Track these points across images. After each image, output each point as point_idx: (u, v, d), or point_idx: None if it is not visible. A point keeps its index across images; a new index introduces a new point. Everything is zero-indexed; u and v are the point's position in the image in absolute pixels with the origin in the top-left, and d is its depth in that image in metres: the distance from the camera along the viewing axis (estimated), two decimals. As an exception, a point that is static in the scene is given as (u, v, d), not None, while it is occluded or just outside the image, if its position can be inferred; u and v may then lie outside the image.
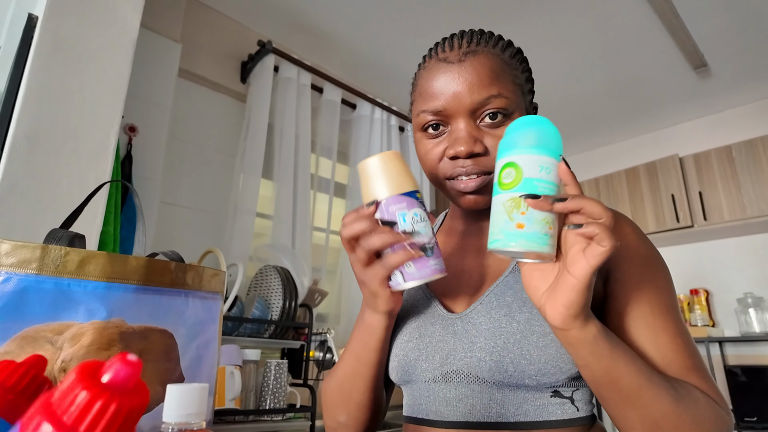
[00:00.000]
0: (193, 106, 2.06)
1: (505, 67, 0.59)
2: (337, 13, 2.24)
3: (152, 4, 1.85)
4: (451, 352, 0.58)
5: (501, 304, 0.57)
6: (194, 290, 0.61)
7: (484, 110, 0.58)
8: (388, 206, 0.52)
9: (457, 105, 0.57)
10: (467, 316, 0.59)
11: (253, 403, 1.54)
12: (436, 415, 0.58)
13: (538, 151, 0.46)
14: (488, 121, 0.58)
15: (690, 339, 0.55)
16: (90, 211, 1.06)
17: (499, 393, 0.55)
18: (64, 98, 1.09)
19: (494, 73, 0.58)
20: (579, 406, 0.54)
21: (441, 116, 0.59)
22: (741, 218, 2.72)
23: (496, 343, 0.55)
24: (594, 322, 0.46)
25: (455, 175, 0.59)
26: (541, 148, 0.46)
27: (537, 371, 0.52)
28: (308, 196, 2.17)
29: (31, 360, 0.36)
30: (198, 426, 0.29)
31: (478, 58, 0.58)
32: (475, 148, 0.57)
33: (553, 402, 0.54)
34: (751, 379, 2.57)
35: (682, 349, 0.53)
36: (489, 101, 0.57)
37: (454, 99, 0.57)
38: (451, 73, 0.58)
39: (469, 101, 0.57)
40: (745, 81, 2.81)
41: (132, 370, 0.25)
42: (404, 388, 0.65)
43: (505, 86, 0.58)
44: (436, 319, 0.62)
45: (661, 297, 0.55)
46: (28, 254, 0.50)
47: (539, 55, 2.53)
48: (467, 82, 0.57)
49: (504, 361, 0.54)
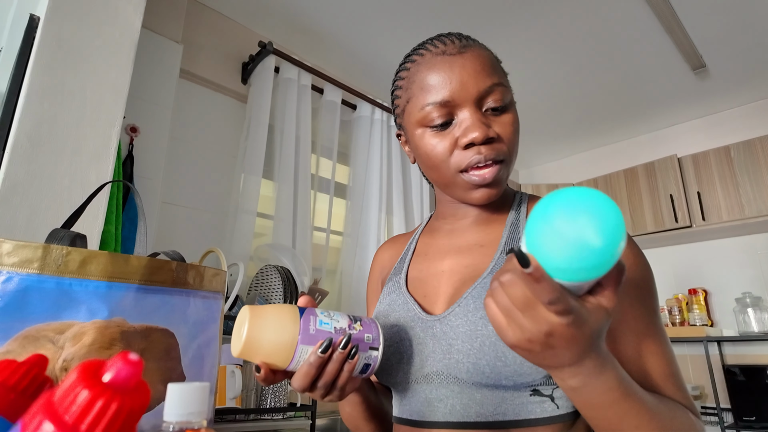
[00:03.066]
0: (194, 107, 2.06)
1: (497, 63, 0.62)
2: (337, 14, 2.24)
3: (153, 5, 1.86)
4: (430, 354, 0.59)
5: (478, 307, 0.57)
6: (195, 290, 0.61)
7: (489, 98, 0.58)
8: (302, 352, 0.49)
9: (465, 93, 0.57)
10: (445, 318, 0.59)
11: (253, 402, 1.54)
12: (419, 415, 0.59)
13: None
14: (492, 110, 0.59)
15: (669, 345, 0.56)
16: (91, 211, 1.06)
17: (478, 393, 0.55)
18: (65, 99, 1.09)
19: (493, 64, 0.60)
20: (560, 404, 0.54)
21: (448, 107, 0.58)
22: (739, 218, 2.72)
23: (473, 345, 0.55)
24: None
25: (472, 164, 0.58)
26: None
27: (513, 372, 0.52)
28: (309, 196, 2.17)
29: (33, 359, 0.37)
30: (199, 425, 0.29)
31: (476, 50, 0.60)
32: (489, 133, 0.57)
33: (533, 401, 0.54)
34: (749, 379, 2.57)
35: (662, 355, 0.55)
36: (493, 89, 0.58)
37: (461, 87, 0.57)
38: (454, 64, 0.58)
39: (475, 89, 0.57)
40: (743, 82, 2.81)
41: (133, 370, 0.26)
42: (392, 389, 0.66)
43: (503, 76, 0.61)
44: (416, 322, 0.62)
45: (648, 304, 0.57)
46: (30, 254, 0.50)
47: (539, 55, 2.53)
48: (472, 69, 0.58)
49: (480, 364, 0.54)
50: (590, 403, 0.43)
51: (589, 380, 0.42)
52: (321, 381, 0.50)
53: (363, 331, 0.53)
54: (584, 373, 0.41)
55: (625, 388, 0.43)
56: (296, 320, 0.50)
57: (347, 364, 0.50)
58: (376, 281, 0.79)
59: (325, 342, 0.49)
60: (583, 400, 0.43)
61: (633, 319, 0.55)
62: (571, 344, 0.38)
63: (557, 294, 0.35)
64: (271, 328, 0.49)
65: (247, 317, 0.48)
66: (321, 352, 0.48)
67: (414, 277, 0.68)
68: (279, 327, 0.49)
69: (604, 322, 0.39)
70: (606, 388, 0.42)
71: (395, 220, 2.57)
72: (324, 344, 0.49)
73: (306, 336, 0.49)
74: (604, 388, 0.42)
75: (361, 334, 0.52)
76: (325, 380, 0.50)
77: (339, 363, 0.50)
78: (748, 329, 2.69)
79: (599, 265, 0.33)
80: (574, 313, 0.36)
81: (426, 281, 0.66)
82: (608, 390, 0.42)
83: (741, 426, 2.51)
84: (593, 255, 0.32)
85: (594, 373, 0.41)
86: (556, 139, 3.54)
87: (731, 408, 2.58)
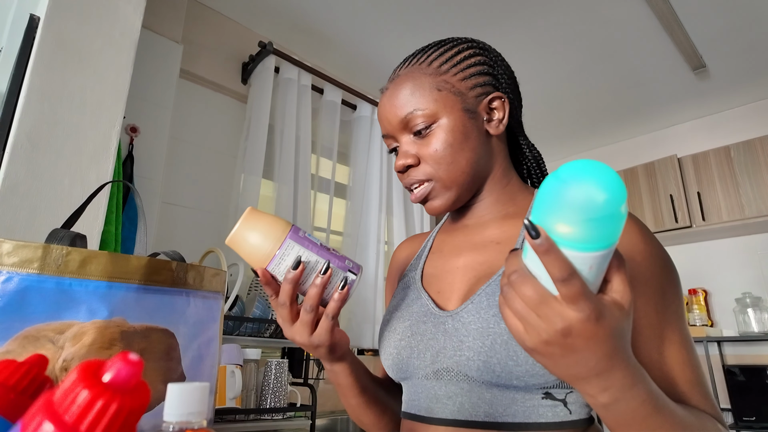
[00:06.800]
0: (194, 107, 2.06)
1: (425, 79, 0.64)
2: (337, 14, 2.24)
3: (154, 5, 1.86)
4: (441, 350, 0.58)
5: (491, 304, 0.56)
6: (195, 290, 0.61)
7: (410, 125, 0.64)
8: (278, 264, 0.55)
9: (391, 126, 0.66)
10: (458, 314, 0.59)
11: (253, 402, 1.54)
12: (427, 411, 0.58)
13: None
14: (416, 133, 0.64)
15: (694, 350, 0.54)
16: (91, 211, 1.06)
17: (488, 393, 0.55)
18: (65, 99, 1.09)
19: (411, 91, 0.64)
20: (572, 409, 0.53)
21: (389, 138, 0.68)
22: (739, 218, 2.73)
23: (484, 343, 0.54)
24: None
25: (407, 185, 0.67)
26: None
27: (524, 372, 0.52)
28: (309, 196, 2.17)
29: (33, 359, 0.36)
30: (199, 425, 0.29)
31: (399, 81, 0.66)
32: (407, 161, 0.64)
33: (544, 404, 0.53)
34: (749, 379, 2.57)
35: (687, 361, 0.53)
36: (408, 117, 0.63)
37: (387, 122, 0.66)
38: (383, 101, 0.67)
39: (395, 121, 0.65)
40: (743, 82, 2.81)
41: (133, 370, 0.26)
42: (403, 384, 0.65)
43: (423, 98, 0.63)
44: (428, 317, 0.62)
45: (670, 305, 0.55)
46: (30, 254, 0.50)
47: (539, 55, 2.53)
48: (391, 104, 0.65)
49: (491, 362, 0.53)
50: (623, 420, 0.41)
51: (621, 394, 0.39)
52: (304, 293, 0.56)
53: (344, 257, 0.57)
54: (615, 386, 0.39)
55: (656, 401, 0.41)
56: (288, 224, 0.56)
57: (321, 277, 0.54)
58: (394, 279, 0.80)
59: (296, 259, 0.54)
60: (616, 417, 0.41)
61: (655, 320, 0.53)
62: (591, 343, 0.37)
63: (568, 269, 0.34)
64: (264, 222, 0.55)
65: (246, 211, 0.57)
66: (293, 268, 0.53)
67: (429, 273, 0.69)
68: (271, 224, 0.56)
69: (624, 320, 0.38)
70: (638, 403, 0.40)
71: (395, 220, 2.57)
72: (295, 261, 0.53)
73: (295, 234, 0.55)
74: (636, 402, 0.40)
75: (343, 259, 0.57)
76: (305, 291, 0.55)
77: (316, 274, 0.54)
78: (748, 329, 2.69)
79: (605, 223, 0.33)
80: (588, 300, 0.35)
81: (441, 277, 0.66)
82: (641, 404, 0.40)
83: (741, 426, 2.51)
84: (599, 208, 0.33)
85: (625, 386, 0.39)
86: (556, 139, 3.54)
87: (731, 408, 2.58)
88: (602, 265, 0.36)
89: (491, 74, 0.67)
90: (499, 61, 0.69)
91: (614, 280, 0.38)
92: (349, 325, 2.20)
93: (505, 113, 0.66)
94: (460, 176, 0.63)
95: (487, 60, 0.67)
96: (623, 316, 0.37)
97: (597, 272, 0.36)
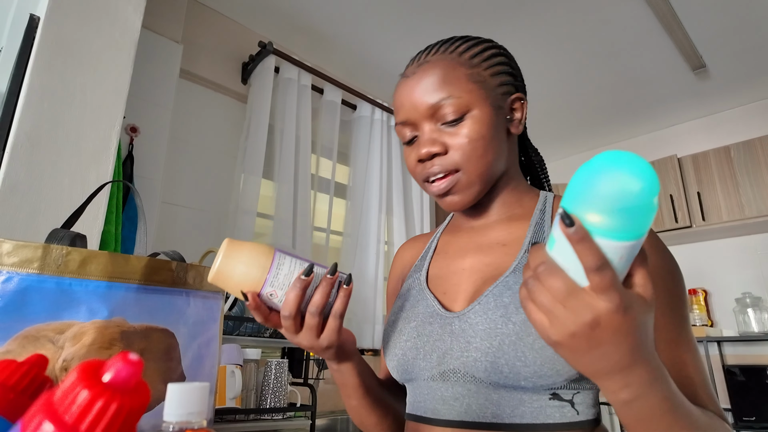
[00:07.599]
0: (194, 107, 2.07)
1: (460, 68, 0.63)
2: (337, 14, 2.24)
3: (154, 5, 1.86)
4: (447, 351, 0.58)
5: (498, 305, 0.56)
6: (195, 290, 0.61)
7: (440, 112, 0.62)
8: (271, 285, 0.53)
9: (416, 112, 0.63)
10: (465, 315, 0.59)
11: (253, 402, 1.54)
12: (433, 413, 0.58)
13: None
14: (446, 122, 0.62)
15: (699, 352, 0.55)
16: (91, 211, 1.06)
17: (495, 393, 0.54)
18: (65, 99, 1.09)
19: (444, 77, 0.62)
20: (579, 410, 0.53)
21: (408, 125, 0.64)
22: (739, 218, 2.73)
23: (491, 344, 0.54)
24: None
25: (426, 177, 0.64)
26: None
27: (533, 373, 0.52)
28: (309, 196, 2.17)
29: (33, 359, 0.37)
30: (199, 425, 0.29)
31: (428, 67, 0.63)
32: (433, 149, 0.61)
33: (552, 405, 0.53)
34: (749, 379, 2.57)
35: (693, 363, 0.53)
36: (441, 104, 0.61)
37: (412, 107, 0.63)
38: (408, 86, 0.64)
39: (423, 107, 0.62)
40: (743, 82, 2.81)
41: (133, 370, 0.26)
42: (407, 385, 0.65)
43: (458, 87, 0.62)
44: (434, 318, 0.62)
45: (680, 309, 0.55)
46: (30, 254, 0.50)
47: (539, 55, 2.53)
48: (421, 89, 0.63)
49: (499, 363, 0.53)
50: (642, 416, 0.41)
51: (642, 391, 0.39)
52: (310, 301, 0.54)
53: (319, 263, 0.57)
54: (637, 382, 0.39)
55: (674, 399, 0.41)
56: (272, 249, 0.54)
57: (328, 278, 0.54)
58: (396, 280, 0.79)
59: (307, 267, 0.53)
60: (636, 414, 0.41)
61: (665, 324, 0.54)
62: (617, 336, 0.36)
63: (602, 258, 0.34)
64: (247, 248, 0.53)
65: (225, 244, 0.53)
66: (304, 276, 0.52)
67: (434, 274, 0.68)
68: (255, 248, 0.53)
69: (647, 314, 0.37)
70: (659, 400, 0.40)
71: (395, 220, 2.57)
72: (306, 269, 0.52)
73: (280, 250, 0.54)
74: (657, 399, 0.40)
75: (322, 264, 0.57)
76: (311, 298, 0.54)
77: (324, 283, 0.54)
78: (748, 329, 2.69)
79: (638, 213, 0.34)
80: (617, 291, 0.35)
81: (446, 278, 0.66)
82: (661, 401, 0.40)
83: (741, 426, 2.51)
84: (634, 197, 0.33)
85: (646, 382, 0.39)
86: (556, 139, 3.54)
87: (731, 408, 2.58)
88: (630, 256, 0.36)
89: (513, 75, 0.67)
90: (515, 63, 0.70)
91: (637, 275, 0.38)
92: (349, 325, 2.20)
93: (523, 114, 0.66)
94: (486, 171, 0.62)
95: (509, 61, 0.68)
96: (647, 309, 0.37)
97: (626, 263, 0.36)
